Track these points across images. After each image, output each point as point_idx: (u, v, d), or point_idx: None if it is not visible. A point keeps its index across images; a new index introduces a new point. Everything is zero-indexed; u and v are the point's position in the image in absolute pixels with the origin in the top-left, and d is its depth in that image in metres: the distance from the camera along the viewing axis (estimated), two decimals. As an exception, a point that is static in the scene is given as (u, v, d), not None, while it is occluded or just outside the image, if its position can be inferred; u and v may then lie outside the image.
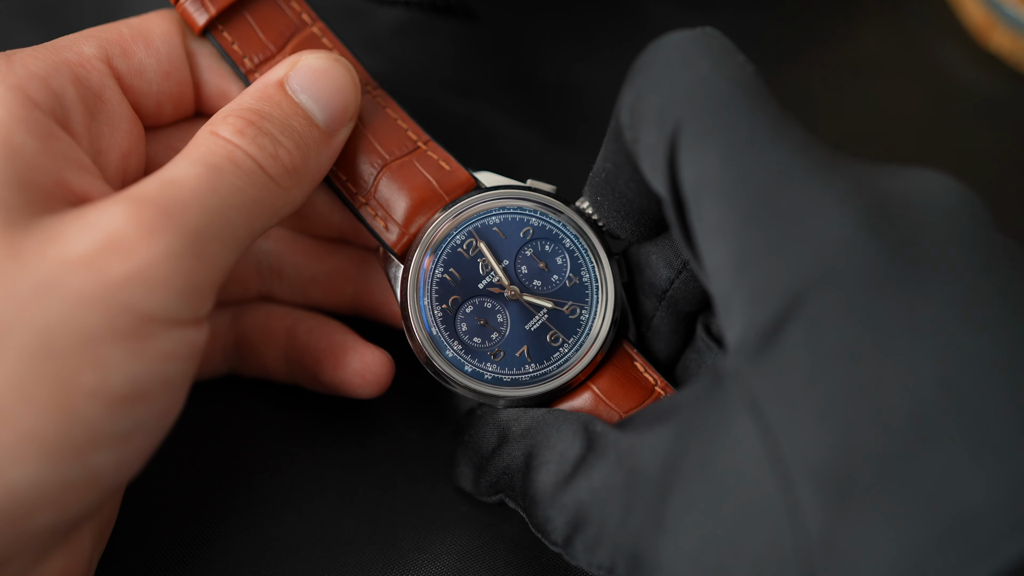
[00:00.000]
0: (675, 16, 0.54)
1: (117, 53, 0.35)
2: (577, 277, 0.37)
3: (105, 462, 0.29)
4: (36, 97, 0.32)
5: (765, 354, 0.27)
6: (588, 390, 0.36)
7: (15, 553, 0.28)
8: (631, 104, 0.32)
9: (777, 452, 0.26)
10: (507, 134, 0.49)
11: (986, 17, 0.54)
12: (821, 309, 0.26)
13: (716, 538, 0.27)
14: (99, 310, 0.28)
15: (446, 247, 0.36)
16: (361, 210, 0.37)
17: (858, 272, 0.26)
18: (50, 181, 0.30)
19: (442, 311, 0.36)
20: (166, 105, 0.37)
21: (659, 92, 0.30)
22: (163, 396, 0.30)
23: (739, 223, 0.28)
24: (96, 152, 0.34)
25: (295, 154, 0.34)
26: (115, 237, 0.29)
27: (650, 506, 0.29)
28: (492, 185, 0.38)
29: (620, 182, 0.34)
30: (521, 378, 0.36)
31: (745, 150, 0.28)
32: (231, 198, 0.31)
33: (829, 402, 0.26)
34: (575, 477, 0.32)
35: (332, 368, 0.39)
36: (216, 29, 0.37)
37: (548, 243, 0.37)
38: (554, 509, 0.32)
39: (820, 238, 0.27)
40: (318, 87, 0.35)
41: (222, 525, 0.38)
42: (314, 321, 0.40)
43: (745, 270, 0.28)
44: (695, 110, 0.29)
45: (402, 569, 0.38)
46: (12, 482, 0.27)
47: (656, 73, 0.31)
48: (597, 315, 0.37)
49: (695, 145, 0.29)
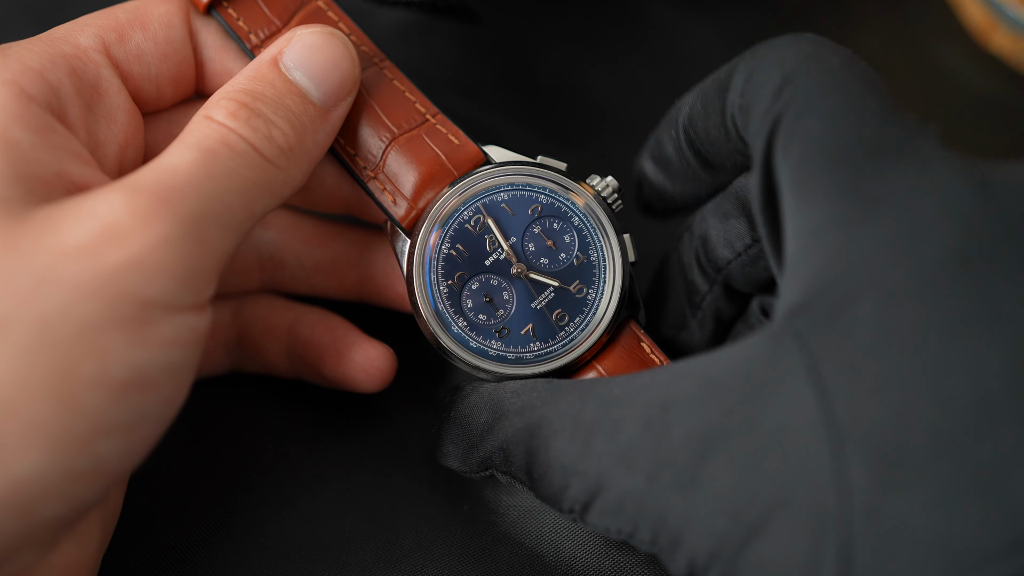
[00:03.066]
0: (675, 17, 0.54)
1: (114, 40, 0.35)
2: (585, 256, 0.37)
3: (110, 451, 0.29)
4: (32, 91, 0.32)
5: (834, 320, 0.27)
6: (593, 370, 0.36)
7: (23, 544, 0.28)
8: (748, 71, 0.32)
9: (831, 416, 0.26)
10: (508, 135, 0.49)
11: (987, 18, 0.54)
12: (899, 282, 0.27)
13: (757, 494, 0.27)
14: (98, 298, 0.28)
15: (453, 222, 0.36)
16: (369, 184, 0.37)
17: (945, 253, 0.27)
18: (49, 173, 0.30)
19: (448, 287, 0.36)
20: (166, 87, 0.37)
21: (788, 61, 0.31)
22: (166, 383, 0.30)
23: (835, 190, 0.28)
24: (94, 144, 0.34)
25: (290, 134, 0.34)
26: (111, 225, 0.29)
27: (684, 463, 0.29)
28: (502, 161, 0.38)
29: (700, 125, 0.35)
30: (526, 356, 0.36)
31: (855, 123, 0.29)
32: (227, 182, 0.31)
33: (893, 375, 0.26)
34: (593, 440, 0.31)
35: (335, 364, 0.39)
36: (221, 6, 0.37)
37: (556, 221, 0.37)
38: (573, 477, 0.31)
39: (911, 215, 0.27)
40: (312, 63, 0.35)
41: (222, 524, 0.38)
42: (316, 316, 0.40)
43: (829, 236, 0.28)
44: (814, 83, 0.30)
45: (403, 569, 0.38)
46: (18, 473, 0.27)
47: (788, 49, 0.32)
48: (604, 295, 0.36)
49: (808, 112, 0.30)
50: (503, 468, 0.34)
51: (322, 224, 0.42)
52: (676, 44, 0.54)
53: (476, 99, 0.50)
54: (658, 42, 0.54)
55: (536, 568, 0.38)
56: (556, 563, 0.38)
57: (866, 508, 0.25)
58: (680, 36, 0.54)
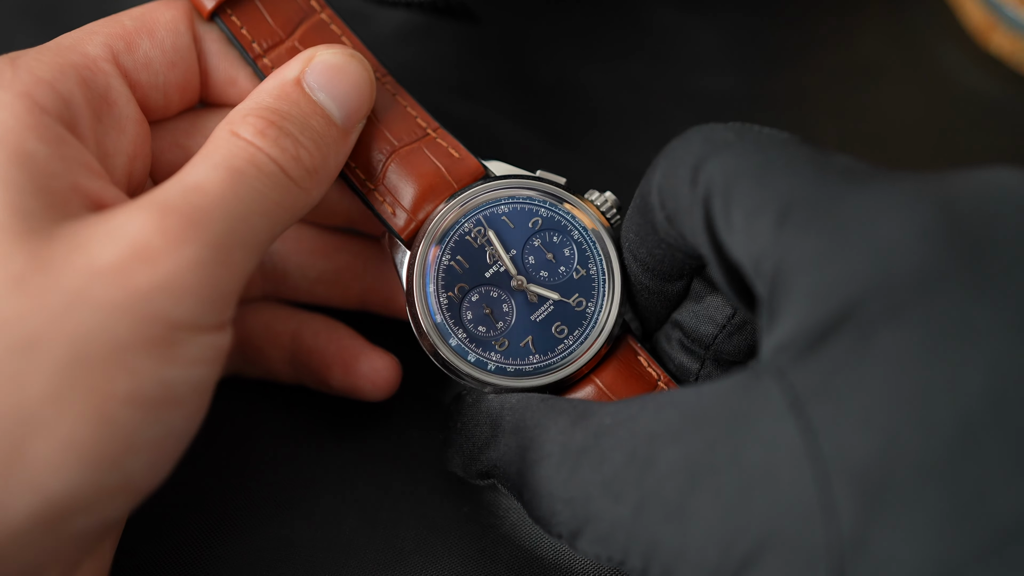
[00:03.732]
0: (676, 18, 0.54)
1: (122, 48, 0.35)
2: (584, 269, 0.37)
3: (139, 467, 0.29)
4: (44, 102, 0.32)
5: (813, 354, 0.27)
6: (591, 383, 0.36)
7: (53, 559, 0.29)
8: (659, 182, 0.32)
9: (816, 450, 0.26)
10: (508, 136, 0.49)
11: (986, 18, 0.54)
12: (875, 312, 0.26)
13: (746, 528, 0.27)
14: (129, 320, 0.28)
15: (453, 235, 0.36)
16: (369, 196, 0.37)
17: (915, 276, 0.26)
18: (65, 186, 0.30)
19: (447, 299, 0.36)
20: (173, 95, 0.37)
21: (688, 156, 0.31)
22: (191, 400, 0.30)
23: (795, 232, 0.28)
24: (103, 155, 0.34)
25: (315, 155, 0.34)
26: (141, 246, 0.29)
27: (670, 495, 0.29)
28: (502, 174, 0.38)
29: (643, 251, 0.35)
30: (525, 368, 0.36)
31: (786, 172, 0.29)
32: (254, 203, 0.31)
33: (875, 405, 0.26)
34: (580, 468, 0.31)
35: (342, 373, 0.39)
36: (224, 13, 0.37)
37: (556, 234, 0.37)
38: (560, 503, 0.31)
39: (879, 242, 0.27)
40: (335, 85, 0.35)
41: (222, 527, 0.38)
42: (319, 324, 0.40)
43: (799, 275, 0.28)
44: (724, 157, 0.30)
45: (403, 570, 0.38)
46: (52, 490, 0.27)
47: (681, 147, 0.32)
48: (603, 308, 0.36)
49: (732, 182, 0.29)
50: (500, 481, 0.34)
51: (325, 236, 0.42)
52: (676, 44, 0.54)
53: (476, 100, 0.50)
54: (658, 42, 0.54)
55: (536, 570, 0.38)
56: (556, 565, 0.38)
57: (855, 540, 0.25)
58: (680, 37, 0.54)
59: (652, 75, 0.53)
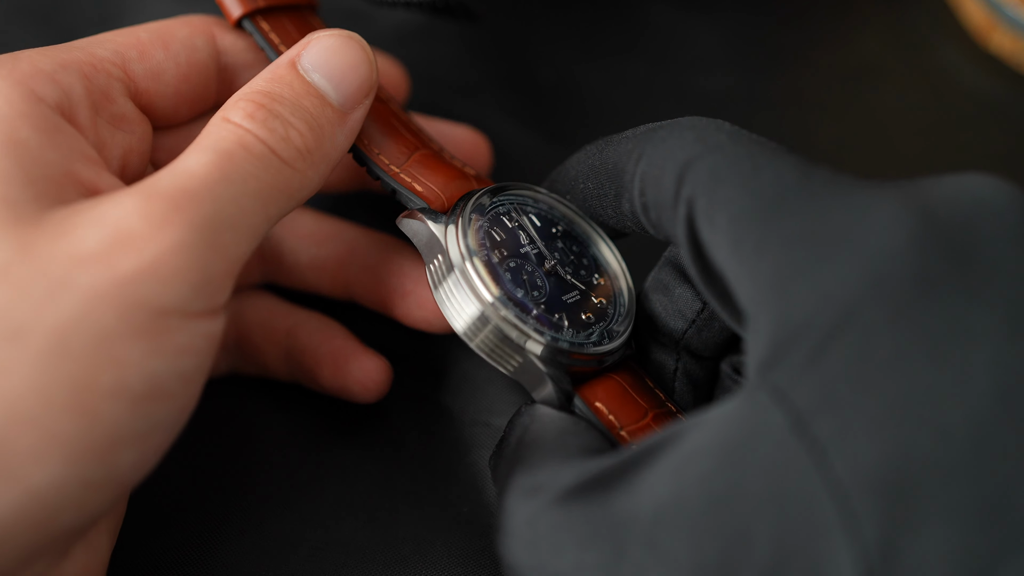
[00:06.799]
0: (675, 18, 0.54)
1: (134, 57, 0.35)
2: (603, 279, 0.37)
3: (125, 461, 0.28)
4: (42, 92, 0.32)
5: (811, 368, 0.26)
6: (611, 379, 0.35)
7: (38, 554, 0.28)
8: (643, 169, 0.32)
9: (826, 465, 0.26)
10: (508, 136, 0.49)
11: (986, 18, 0.54)
12: (871, 320, 0.26)
13: (763, 559, 0.26)
14: (113, 307, 0.28)
15: (491, 211, 0.36)
16: (396, 177, 0.36)
17: (907, 281, 0.26)
18: (58, 173, 0.30)
19: (487, 256, 0.35)
20: (182, 107, 0.37)
21: (678, 152, 0.31)
22: (180, 392, 0.29)
23: (781, 239, 0.28)
24: (99, 148, 0.34)
25: (308, 135, 0.33)
26: (124, 231, 0.28)
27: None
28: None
29: (595, 203, 0.36)
30: (560, 337, 0.34)
31: (773, 180, 0.29)
32: (243, 185, 0.31)
33: (882, 411, 0.25)
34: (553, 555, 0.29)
35: (332, 374, 0.39)
36: (255, 18, 0.37)
37: (575, 244, 0.37)
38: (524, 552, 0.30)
39: (867, 249, 0.27)
40: (331, 65, 0.35)
41: (220, 527, 0.38)
42: (315, 323, 0.40)
43: (788, 283, 0.27)
44: (714, 159, 0.30)
45: (403, 571, 0.38)
46: (36, 484, 0.27)
47: (672, 141, 0.32)
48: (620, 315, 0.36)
49: (719, 185, 0.29)
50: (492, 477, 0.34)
51: (319, 222, 0.42)
52: (675, 44, 0.54)
53: (476, 100, 0.50)
54: (658, 42, 0.54)
55: (536, 570, 0.38)
56: (556, 565, 0.38)
57: (883, 549, 0.25)
58: (679, 36, 0.54)
59: (652, 75, 0.53)
